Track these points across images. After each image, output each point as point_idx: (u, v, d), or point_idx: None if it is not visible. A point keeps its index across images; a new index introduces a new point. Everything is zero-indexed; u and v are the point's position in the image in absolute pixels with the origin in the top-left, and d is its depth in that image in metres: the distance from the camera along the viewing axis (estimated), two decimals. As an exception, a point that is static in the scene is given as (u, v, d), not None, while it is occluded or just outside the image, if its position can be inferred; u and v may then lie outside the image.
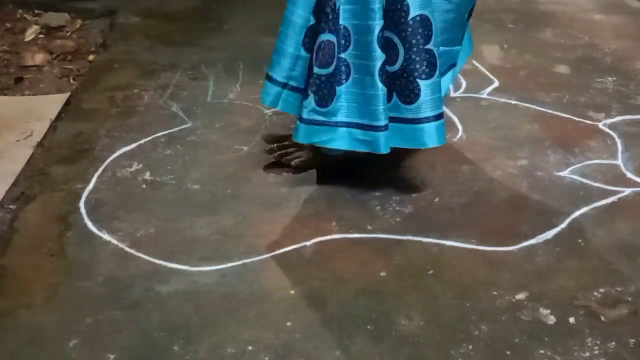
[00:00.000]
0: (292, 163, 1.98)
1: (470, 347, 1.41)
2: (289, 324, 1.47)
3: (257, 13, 3.16)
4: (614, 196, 1.89)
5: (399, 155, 1.91)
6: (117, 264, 1.65)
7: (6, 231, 1.77)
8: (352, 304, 1.52)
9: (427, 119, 1.74)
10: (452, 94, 2.44)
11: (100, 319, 1.49)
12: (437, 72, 1.73)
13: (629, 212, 1.83)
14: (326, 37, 1.71)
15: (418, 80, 1.71)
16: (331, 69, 1.72)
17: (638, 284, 1.58)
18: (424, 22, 1.69)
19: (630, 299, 1.53)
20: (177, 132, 2.22)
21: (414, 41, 1.70)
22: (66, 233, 1.76)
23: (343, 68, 1.73)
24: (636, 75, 2.60)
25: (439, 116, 1.75)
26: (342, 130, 1.78)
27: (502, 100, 2.41)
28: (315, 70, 1.74)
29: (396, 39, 1.71)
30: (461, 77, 2.54)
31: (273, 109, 2.34)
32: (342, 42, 1.72)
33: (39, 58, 2.81)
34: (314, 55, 1.74)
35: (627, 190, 1.91)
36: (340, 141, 1.79)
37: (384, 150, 1.76)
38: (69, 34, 3.09)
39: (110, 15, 3.23)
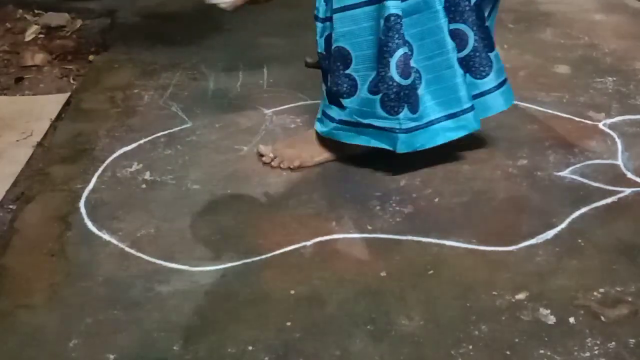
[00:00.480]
0: (291, 167, 2.00)
1: (470, 347, 1.41)
2: (289, 324, 1.47)
3: (257, 13, 3.15)
4: (614, 196, 1.89)
5: (399, 156, 1.91)
6: (117, 264, 1.65)
7: (6, 231, 1.77)
8: (352, 304, 1.52)
9: (496, 87, 1.97)
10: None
11: (100, 319, 1.49)
12: (495, 45, 1.96)
13: (629, 212, 1.83)
14: (401, 51, 1.81)
15: (489, 53, 1.94)
16: (412, 78, 1.84)
17: (638, 284, 1.58)
18: (479, 5, 1.88)
19: (630, 299, 1.53)
20: (177, 132, 2.22)
21: (479, 22, 1.89)
22: (66, 233, 1.76)
23: (417, 75, 1.87)
24: (636, 75, 2.60)
25: (504, 82, 1.99)
26: (435, 127, 1.91)
27: (502, 100, 2.41)
28: (402, 82, 1.83)
29: (463, 27, 1.88)
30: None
31: (273, 109, 2.35)
32: (410, 51, 1.85)
33: (39, 58, 2.81)
34: (396, 70, 1.82)
35: (627, 190, 1.91)
36: (436, 138, 1.92)
37: (477, 126, 1.95)
38: (69, 34, 3.09)
39: (110, 15, 3.23)
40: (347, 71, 1.88)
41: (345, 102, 1.91)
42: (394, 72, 1.82)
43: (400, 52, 1.81)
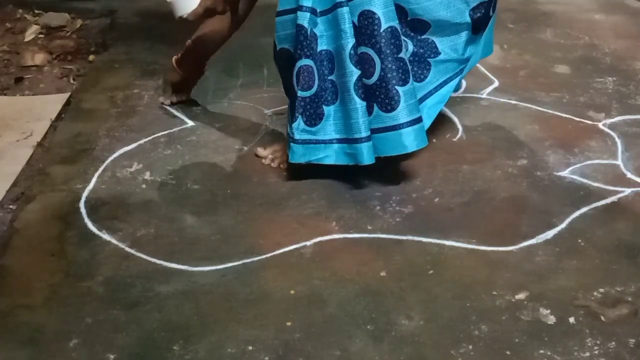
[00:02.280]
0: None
1: (470, 347, 1.41)
2: (289, 324, 1.47)
3: (257, 13, 3.16)
4: (614, 196, 1.89)
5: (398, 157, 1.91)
6: (117, 264, 1.65)
7: (6, 231, 1.77)
8: (352, 304, 1.52)
9: (408, 124, 1.83)
10: (452, 94, 2.44)
11: (100, 319, 1.49)
12: (411, 79, 1.83)
13: (629, 212, 1.83)
14: (304, 62, 1.83)
15: (397, 87, 1.81)
16: (313, 90, 1.85)
17: (638, 284, 1.58)
18: (394, 33, 1.81)
19: (630, 299, 1.53)
20: (177, 132, 2.22)
21: (388, 51, 1.81)
22: (66, 233, 1.76)
23: (331, 89, 1.86)
24: (636, 75, 2.60)
25: (417, 120, 1.84)
26: (335, 146, 1.88)
27: (502, 100, 2.42)
28: (299, 93, 1.85)
29: (371, 52, 1.81)
30: (461, 77, 2.55)
31: (273, 109, 2.35)
32: (328, 65, 1.85)
33: (39, 58, 2.81)
34: (295, 80, 1.85)
35: (627, 190, 1.91)
36: (333, 157, 1.89)
37: (367, 161, 1.85)
38: (69, 34, 3.09)
39: (110, 15, 3.23)
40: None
41: None
42: (294, 82, 1.85)
43: (301, 64, 1.82)
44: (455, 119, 2.27)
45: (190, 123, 2.27)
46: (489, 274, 1.61)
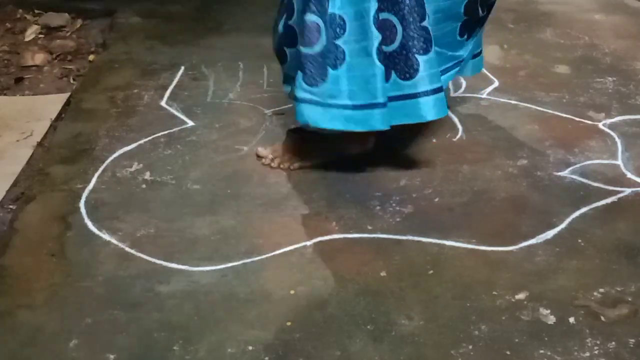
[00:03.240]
0: (291, 167, 2.00)
1: (470, 347, 1.41)
2: (289, 324, 1.47)
3: (257, 13, 3.17)
4: (614, 196, 1.89)
5: (397, 155, 1.92)
6: (117, 264, 1.65)
7: (6, 231, 1.77)
8: (352, 304, 1.52)
9: (426, 93, 1.81)
10: (452, 94, 2.44)
11: (100, 319, 1.49)
12: (433, 48, 1.80)
13: (629, 212, 1.83)
14: (311, 18, 1.77)
15: (417, 55, 1.79)
16: (318, 49, 1.79)
17: (638, 284, 1.58)
18: (419, 1, 1.77)
19: (630, 299, 1.53)
20: (177, 132, 2.22)
21: (411, 19, 1.77)
22: (66, 233, 1.76)
23: (338, 54, 1.79)
24: (636, 75, 2.60)
25: (438, 90, 1.82)
26: (336, 111, 1.82)
27: (502, 100, 2.42)
28: (303, 50, 1.80)
29: (394, 19, 1.78)
30: (461, 77, 2.55)
31: (273, 109, 2.35)
32: (337, 30, 1.78)
33: (39, 58, 2.81)
34: (299, 36, 1.80)
35: (627, 190, 1.91)
36: (335, 122, 1.83)
37: (380, 126, 1.82)
38: (69, 34, 3.09)
39: (110, 15, 3.23)
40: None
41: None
42: (298, 39, 1.81)
43: (308, 19, 1.76)
44: (455, 119, 2.27)
45: (190, 123, 2.27)
46: (489, 274, 1.61)
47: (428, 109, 1.82)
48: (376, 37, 1.76)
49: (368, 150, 2.00)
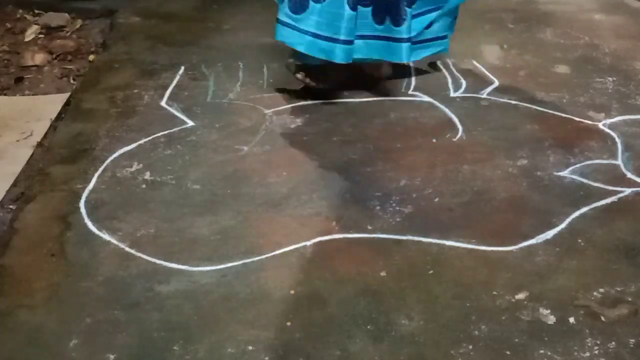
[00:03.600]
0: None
1: (470, 347, 1.41)
2: (289, 324, 1.47)
3: (257, 13, 3.16)
4: (614, 196, 1.89)
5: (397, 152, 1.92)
6: (117, 264, 1.65)
7: (6, 231, 1.77)
8: (352, 304, 1.52)
9: (407, 39, 2.25)
10: (452, 94, 2.44)
11: (100, 319, 1.49)
12: (415, 3, 2.25)
13: (629, 212, 1.83)
14: None
15: (406, 7, 2.21)
16: None
17: (638, 284, 1.58)
18: None
19: (630, 299, 1.54)
20: (177, 132, 2.22)
21: None
22: (66, 233, 1.76)
23: None
24: (636, 75, 2.60)
25: (410, 39, 2.27)
26: (309, 38, 2.19)
27: (502, 100, 2.42)
28: None
29: None
30: (461, 77, 2.55)
31: (273, 109, 2.35)
32: None
33: (39, 58, 2.81)
34: None
35: (627, 190, 1.91)
36: (304, 46, 2.21)
37: (340, 60, 2.19)
38: (69, 34, 3.09)
39: (110, 15, 3.23)
40: None
41: None
42: None
43: None
44: (455, 119, 2.27)
45: (190, 123, 2.27)
46: (489, 274, 1.61)
47: (406, 53, 2.27)
48: None
49: (383, 76, 2.49)
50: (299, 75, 2.35)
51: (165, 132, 2.21)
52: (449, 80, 2.54)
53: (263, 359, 1.39)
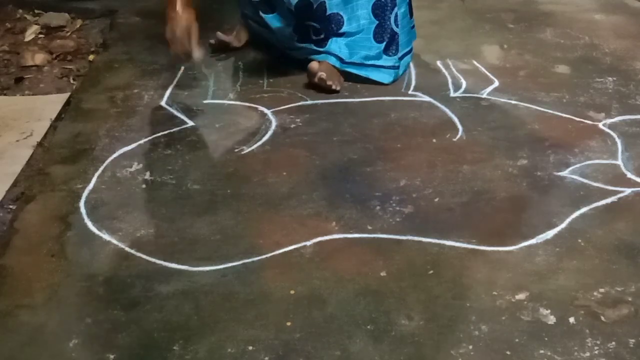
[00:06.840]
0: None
1: (470, 347, 1.41)
2: (289, 324, 1.47)
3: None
4: (614, 196, 1.89)
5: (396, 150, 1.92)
6: (117, 264, 1.65)
7: (6, 231, 1.77)
8: (352, 304, 1.52)
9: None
10: (452, 94, 2.44)
11: (100, 319, 1.49)
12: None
13: (629, 212, 1.83)
14: None
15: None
16: None
17: (638, 284, 1.58)
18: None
19: (630, 299, 1.53)
20: (177, 132, 2.22)
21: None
22: (66, 233, 1.76)
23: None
24: (636, 75, 2.60)
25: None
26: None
27: (502, 100, 2.41)
28: None
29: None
30: (461, 77, 2.55)
31: (273, 109, 2.35)
32: None
33: (39, 58, 2.81)
34: None
35: (627, 190, 1.91)
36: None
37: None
38: (69, 34, 3.09)
39: (110, 15, 3.23)
40: None
41: None
42: None
43: None
44: (455, 119, 2.27)
45: (190, 123, 2.27)
46: (489, 274, 1.61)
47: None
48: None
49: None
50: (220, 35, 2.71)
51: (165, 132, 2.21)
52: (449, 80, 2.54)
53: (263, 359, 1.39)
